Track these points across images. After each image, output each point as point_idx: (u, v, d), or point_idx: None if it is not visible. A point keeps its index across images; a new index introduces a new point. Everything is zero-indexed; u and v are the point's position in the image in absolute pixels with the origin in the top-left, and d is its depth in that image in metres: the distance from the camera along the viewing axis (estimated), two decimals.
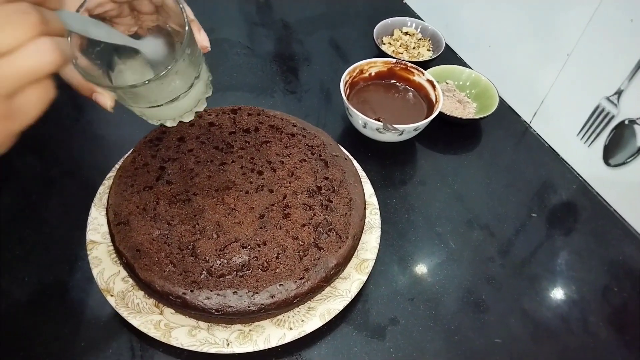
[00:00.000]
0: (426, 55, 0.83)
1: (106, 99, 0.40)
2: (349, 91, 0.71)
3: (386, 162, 0.68)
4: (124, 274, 0.49)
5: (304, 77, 0.81)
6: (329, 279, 0.48)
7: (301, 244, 0.48)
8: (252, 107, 0.61)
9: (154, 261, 0.46)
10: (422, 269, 0.57)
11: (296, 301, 0.46)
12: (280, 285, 0.46)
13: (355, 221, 0.52)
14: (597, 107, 0.63)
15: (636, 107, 0.59)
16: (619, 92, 0.60)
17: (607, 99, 0.62)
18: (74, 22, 0.33)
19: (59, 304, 0.50)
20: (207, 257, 0.46)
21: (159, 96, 0.40)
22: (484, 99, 0.74)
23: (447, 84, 0.77)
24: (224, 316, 0.45)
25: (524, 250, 0.60)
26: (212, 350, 0.45)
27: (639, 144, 0.59)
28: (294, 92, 0.78)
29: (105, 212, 0.52)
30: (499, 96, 0.73)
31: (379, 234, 0.55)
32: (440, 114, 0.67)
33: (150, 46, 0.42)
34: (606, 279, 0.58)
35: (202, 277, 0.45)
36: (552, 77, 0.69)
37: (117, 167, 0.58)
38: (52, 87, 0.27)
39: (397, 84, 0.74)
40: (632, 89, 0.59)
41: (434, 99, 0.70)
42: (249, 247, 0.47)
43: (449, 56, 0.85)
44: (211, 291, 0.45)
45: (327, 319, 0.48)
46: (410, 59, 0.79)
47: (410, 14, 0.94)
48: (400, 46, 0.83)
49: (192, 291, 0.45)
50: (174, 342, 0.45)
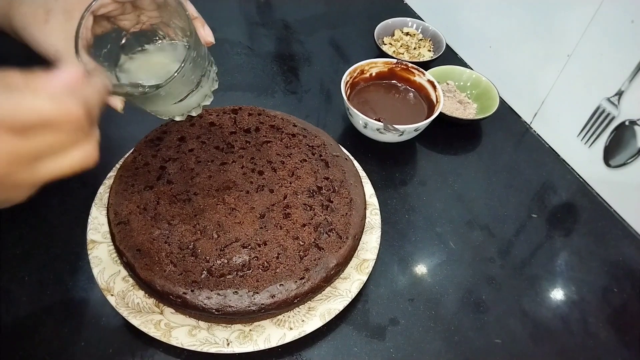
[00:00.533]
0: (427, 55, 0.83)
1: (117, 101, 0.41)
2: (349, 91, 0.71)
3: (386, 162, 0.68)
4: (125, 273, 0.49)
5: (304, 77, 0.81)
6: (329, 279, 0.48)
7: (301, 244, 0.48)
8: (253, 107, 0.61)
9: (154, 261, 0.46)
10: (422, 269, 0.57)
11: (296, 301, 0.46)
12: (280, 285, 0.46)
13: (355, 221, 0.52)
14: (598, 108, 0.63)
15: (637, 108, 0.59)
16: (619, 93, 0.60)
17: (608, 99, 0.62)
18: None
19: (59, 304, 0.50)
20: (208, 257, 0.46)
21: (168, 99, 0.41)
22: (485, 99, 0.74)
23: (447, 84, 0.77)
24: (224, 316, 0.45)
25: (524, 250, 0.60)
26: (212, 350, 0.45)
27: (639, 145, 0.59)
28: (294, 92, 0.78)
29: (105, 212, 0.52)
30: (500, 97, 0.73)
31: (379, 234, 0.55)
32: (440, 114, 0.67)
33: (161, 54, 0.44)
34: (606, 280, 0.58)
35: (203, 276, 0.45)
36: (553, 77, 0.69)
37: (117, 166, 0.58)
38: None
39: (398, 85, 0.74)
40: (632, 89, 0.59)
41: (434, 99, 0.70)
42: (250, 247, 0.47)
43: (449, 57, 0.85)
44: (211, 291, 0.45)
45: (327, 319, 0.48)
46: (410, 60, 0.79)
47: (411, 14, 0.94)
48: (400, 46, 0.83)
49: (192, 291, 0.45)
50: (174, 342, 0.45)
